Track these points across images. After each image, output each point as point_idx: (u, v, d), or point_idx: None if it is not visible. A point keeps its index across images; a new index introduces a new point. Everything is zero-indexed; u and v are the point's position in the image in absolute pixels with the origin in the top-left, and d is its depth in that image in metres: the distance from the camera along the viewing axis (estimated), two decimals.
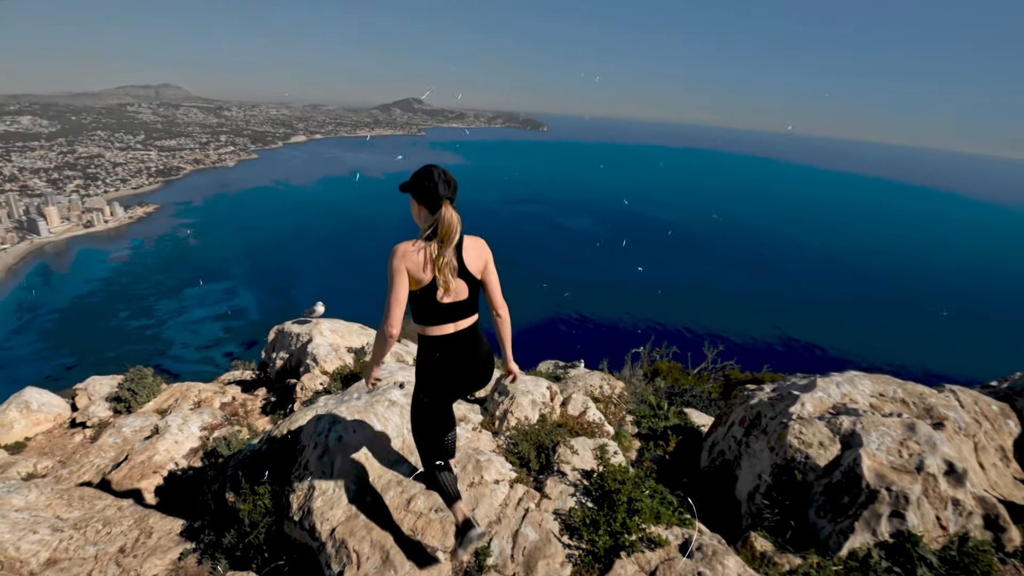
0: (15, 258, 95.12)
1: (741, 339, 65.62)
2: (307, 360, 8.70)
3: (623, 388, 6.52)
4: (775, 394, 4.15)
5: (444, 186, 2.52)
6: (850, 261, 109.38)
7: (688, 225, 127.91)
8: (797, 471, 3.31)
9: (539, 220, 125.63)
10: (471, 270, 2.63)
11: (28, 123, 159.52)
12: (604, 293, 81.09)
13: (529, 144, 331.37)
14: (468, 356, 2.67)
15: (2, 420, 7.51)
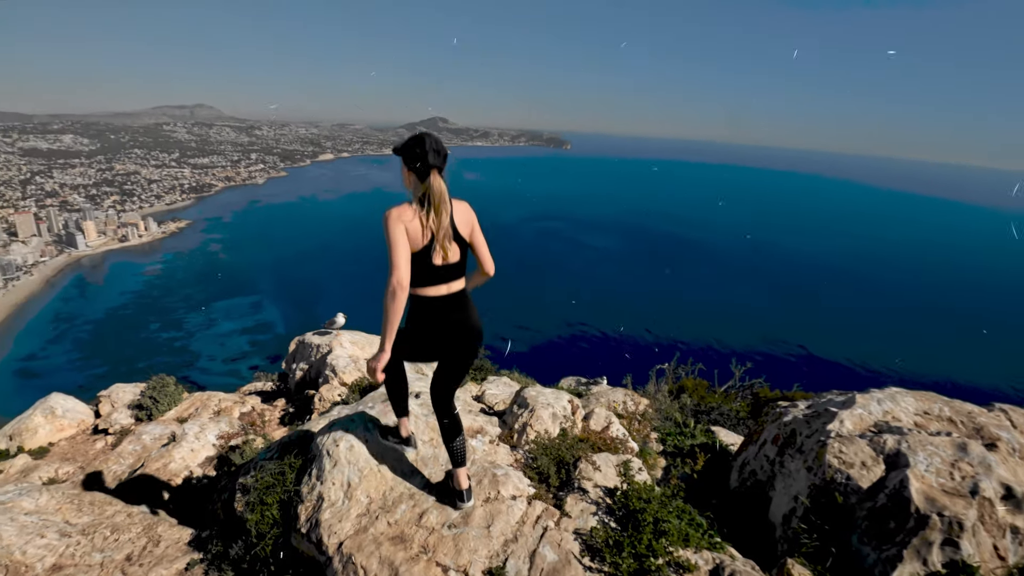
0: (53, 270, 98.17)
1: (768, 357, 64.22)
2: (326, 371, 8.65)
3: (647, 405, 6.30)
4: (810, 411, 3.91)
5: (434, 155, 2.62)
6: (877, 276, 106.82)
7: (715, 243, 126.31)
8: (837, 493, 3.07)
9: (562, 237, 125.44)
10: (462, 233, 2.77)
11: (70, 141, 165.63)
12: (627, 310, 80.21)
13: (552, 162, 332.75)
14: (457, 317, 2.79)
15: (27, 425, 7.60)
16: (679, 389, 7.64)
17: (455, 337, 2.81)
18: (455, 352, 2.87)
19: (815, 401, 4.20)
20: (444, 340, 2.81)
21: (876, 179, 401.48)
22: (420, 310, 2.76)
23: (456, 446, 3.08)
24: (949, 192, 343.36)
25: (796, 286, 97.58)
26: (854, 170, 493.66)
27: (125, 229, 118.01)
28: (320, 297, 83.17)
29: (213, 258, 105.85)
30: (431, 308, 2.74)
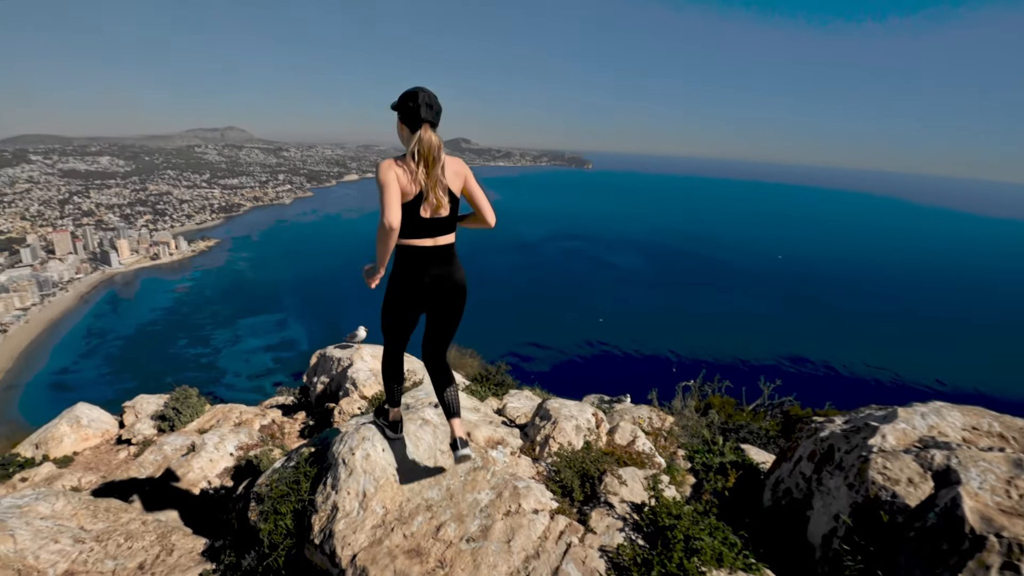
0: (88, 287, 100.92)
1: (797, 376, 62.64)
2: (347, 384, 8.61)
3: (673, 422, 6.10)
4: (848, 426, 3.70)
5: (426, 109, 2.66)
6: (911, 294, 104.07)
7: (742, 261, 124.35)
8: (882, 511, 2.87)
9: (584, 256, 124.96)
10: (452, 187, 2.80)
11: (106, 163, 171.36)
12: (650, 328, 79.24)
13: (574, 181, 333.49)
14: (441, 270, 2.85)
15: (53, 434, 7.67)
16: (706, 407, 7.40)
17: (438, 290, 2.88)
18: (438, 305, 2.94)
19: (852, 416, 3.98)
20: (427, 292, 2.87)
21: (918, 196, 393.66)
22: (405, 259, 2.83)
23: (447, 396, 3.16)
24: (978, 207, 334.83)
25: (826, 303, 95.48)
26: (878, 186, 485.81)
27: (157, 247, 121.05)
28: (343, 314, 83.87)
29: (240, 276, 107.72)
30: (416, 258, 2.80)
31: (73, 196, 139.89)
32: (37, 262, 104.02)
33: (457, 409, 3.18)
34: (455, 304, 2.98)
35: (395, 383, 3.38)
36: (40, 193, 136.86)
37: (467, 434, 3.36)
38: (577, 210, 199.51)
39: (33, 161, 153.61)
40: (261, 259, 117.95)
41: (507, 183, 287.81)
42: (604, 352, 72.37)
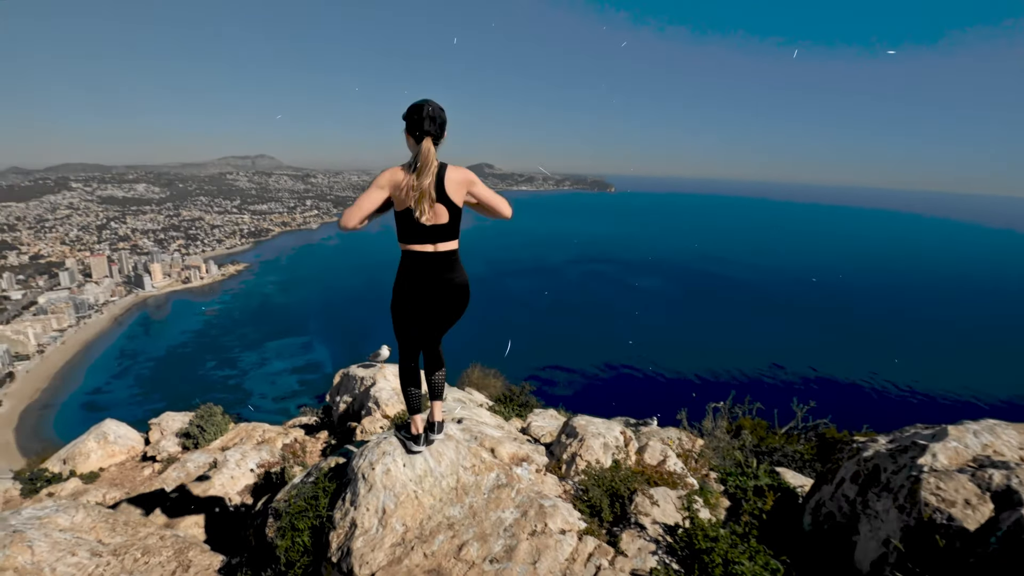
0: (121, 309, 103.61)
1: (828, 398, 60.71)
2: (369, 403, 8.54)
3: (704, 444, 5.88)
4: (894, 446, 3.48)
5: (429, 122, 2.80)
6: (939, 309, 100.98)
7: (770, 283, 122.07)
8: (938, 535, 2.66)
9: (607, 279, 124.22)
10: (452, 197, 2.90)
11: (142, 190, 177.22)
12: (676, 351, 78.01)
13: (597, 204, 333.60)
14: (441, 275, 2.98)
15: (81, 449, 7.75)
16: (737, 428, 7.15)
17: (439, 293, 3.00)
18: (441, 307, 3.06)
19: (897, 436, 3.75)
20: (429, 295, 2.99)
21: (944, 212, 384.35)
22: (407, 264, 2.99)
23: (435, 379, 3.47)
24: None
25: (857, 323, 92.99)
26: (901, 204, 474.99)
27: (188, 271, 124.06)
28: (367, 336, 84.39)
29: (268, 299, 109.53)
30: (417, 263, 2.95)
31: (110, 222, 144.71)
32: (75, 285, 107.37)
33: (441, 393, 3.53)
34: (455, 306, 3.11)
35: (412, 387, 3.41)
36: (79, 219, 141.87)
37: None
38: (600, 233, 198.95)
39: (74, 188, 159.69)
40: (288, 283, 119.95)
41: (530, 207, 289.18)
42: (628, 375, 71.44)
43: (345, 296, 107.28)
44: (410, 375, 3.38)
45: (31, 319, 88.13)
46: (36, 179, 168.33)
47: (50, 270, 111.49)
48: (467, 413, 4.47)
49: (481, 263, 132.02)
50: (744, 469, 5.07)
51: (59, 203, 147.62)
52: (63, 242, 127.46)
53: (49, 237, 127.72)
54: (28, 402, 68.01)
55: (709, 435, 6.13)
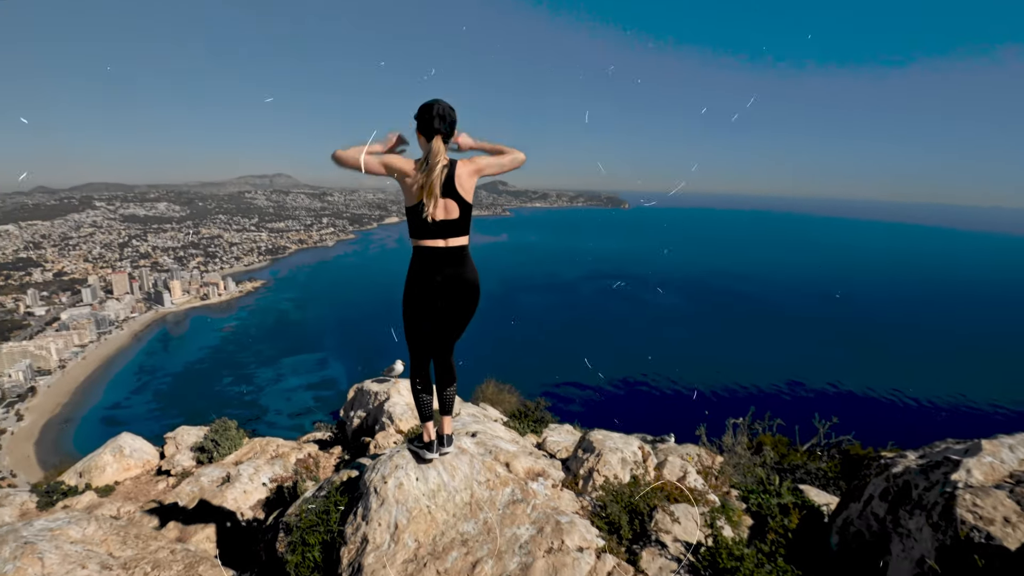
0: (141, 326, 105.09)
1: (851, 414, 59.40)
2: (383, 418, 8.48)
3: (723, 461, 5.73)
4: (925, 461, 3.35)
5: (439, 120, 2.86)
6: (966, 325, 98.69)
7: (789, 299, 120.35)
8: (976, 555, 2.52)
9: (622, 295, 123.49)
10: (462, 192, 2.93)
11: (164, 208, 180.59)
12: (692, 367, 77.08)
13: (611, 220, 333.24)
14: (452, 270, 2.98)
15: (97, 462, 7.76)
16: (758, 445, 6.98)
17: (449, 289, 2.99)
18: (450, 304, 3.04)
19: (928, 451, 3.61)
20: (439, 291, 2.98)
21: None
22: (418, 259, 3.01)
23: (447, 394, 3.46)
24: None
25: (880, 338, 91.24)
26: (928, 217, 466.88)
27: (207, 288, 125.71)
28: (382, 352, 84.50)
29: (284, 316, 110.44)
30: (428, 259, 2.97)
31: (132, 239, 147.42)
32: (96, 301, 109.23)
33: (451, 408, 3.54)
34: (466, 303, 3.09)
35: (424, 394, 3.40)
36: (102, 237, 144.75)
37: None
38: (614, 249, 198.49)
39: (97, 207, 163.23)
40: (304, 299, 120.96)
41: (544, 223, 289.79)
42: (644, 391, 70.76)
43: (360, 312, 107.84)
44: (421, 381, 3.36)
45: (54, 335, 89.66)
46: (61, 198, 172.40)
47: (73, 287, 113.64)
48: (481, 427, 4.40)
49: (495, 280, 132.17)
50: (766, 486, 4.93)
51: (83, 221, 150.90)
52: (86, 259, 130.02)
53: (73, 255, 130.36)
54: (49, 416, 68.97)
55: (729, 451, 5.98)
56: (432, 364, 3.38)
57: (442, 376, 3.38)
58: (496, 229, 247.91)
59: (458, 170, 2.92)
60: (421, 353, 3.27)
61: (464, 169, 2.95)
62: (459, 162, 2.95)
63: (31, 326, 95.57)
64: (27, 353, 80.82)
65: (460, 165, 2.94)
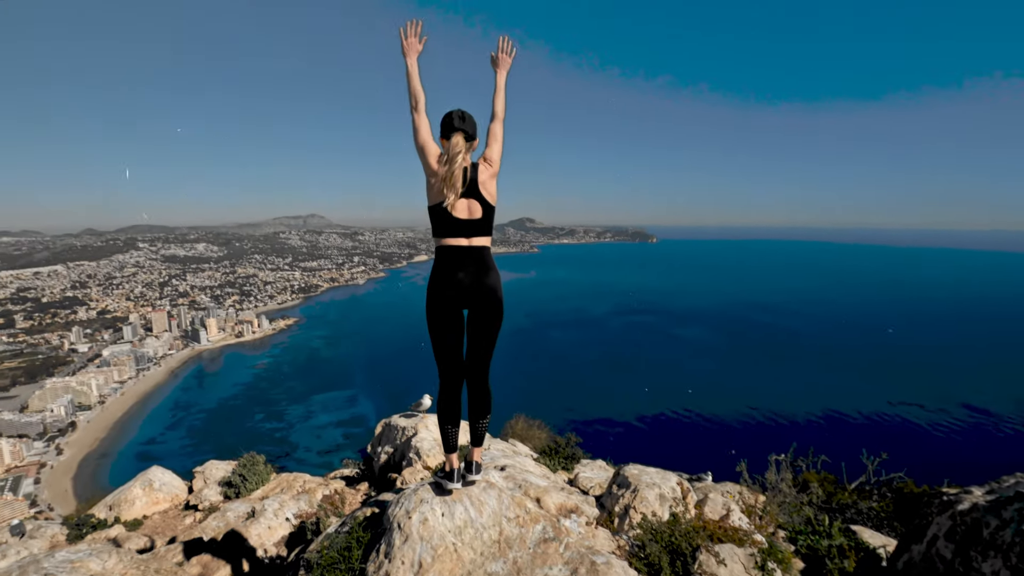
0: (178, 362, 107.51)
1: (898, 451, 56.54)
2: (410, 454, 8.32)
3: (767, 500, 5.40)
4: (994, 497, 3.06)
5: (458, 120, 3.06)
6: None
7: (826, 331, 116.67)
8: None
9: (652, 330, 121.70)
10: (484, 194, 3.06)
11: (203, 249, 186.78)
12: (726, 402, 74.91)
13: (639, 254, 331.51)
14: (474, 268, 3.03)
15: (127, 496, 7.77)
16: (803, 483, 6.59)
17: (472, 289, 3.03)
18: (473, 305, 3.07)
19: (996, 487, 3.31)
20: (462, 290, 3.02)
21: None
22: (441, 258, 3.09)
23: (480, 426, 3.36)
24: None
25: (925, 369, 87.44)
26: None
27: (241, 326, 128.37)
28: (411, 389, 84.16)
29: (315, 353, 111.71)
30: (451, 257, 3.03)
31: (172, 279, 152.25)
32: (136, 339, 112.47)
33: (482, 440, 3.44)
34: (489, 305, 3.09)
35: (450, 424, 3.32)
36: (144, 276, 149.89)
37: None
38: (642, 284, 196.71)
39: (140, 248, 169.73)
40: (335, 337, 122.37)
41: (572, 259, 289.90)
42: (677, 427, 68.85)
43: (390, 349, 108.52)
44: (449, 407, 3.28)
45: (95, 371, 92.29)
46: (107, 240, 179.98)
47: (115, 324, 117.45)
48: (510, 461, 4.23)
49: (523, 315, 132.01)
50: (815, 527, 4.61)
51: (127, 262, 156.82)
52: (128, 298, 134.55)
53: (116, 293, 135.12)
54: (87, 451, 70.39)
55: (773, 489, 5.65)
56: (466, 391, 3.30)
57: (476, 404, 3.30)
58: (524, 266, 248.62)
59: (480, 174, 3.06)
60: (450, 373, 3.20)
61: (485, 173, 3.09)
62: (480, 165, 3.10)
63: (74, 362, 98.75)
64: (69, 388, 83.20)
65: (481, 169, 3.09)
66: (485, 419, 3.36)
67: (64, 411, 78.39)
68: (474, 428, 3.37)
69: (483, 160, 3.16)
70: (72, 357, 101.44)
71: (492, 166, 3.14)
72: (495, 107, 3.21)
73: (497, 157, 3.17)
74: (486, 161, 3.15)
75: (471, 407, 3.33)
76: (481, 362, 3.22)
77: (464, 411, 3.42)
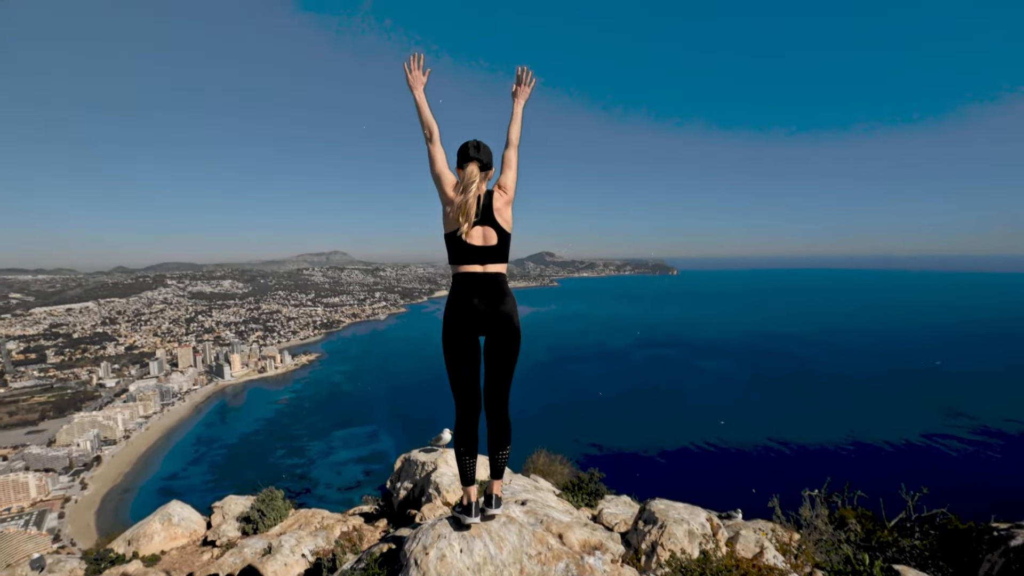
0: (202, 397, 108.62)
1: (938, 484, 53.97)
2: (430, 489, 8.16)
3: (802, 537, 5.14)
4: None
5: (472, 150, 3.14)
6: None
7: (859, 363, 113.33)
8: None
9: (673, 363, 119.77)
10: (500, 222, 3.12)
11: (228, 286, 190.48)
12: (753, 435, 72.91)
13: (660, 287, 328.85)
14: (489, 295, 3.04)
15: (146, 530, 7.71)
16: (840, 520, 6.28)
17: (487, 316, 3.03)
18: (489, 332, 3.07)
19: None
20: (477, 316, 3.02)
21: None
22: (457, 285, 3.11)
23: (499, 458, 3.30)
24: None
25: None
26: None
27: (264, 361, 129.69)
28: (432, 424, 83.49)
29: (336, 388, 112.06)
30: (466, 284, 3.06)
31: (198, 315, 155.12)
32: (162, 374, 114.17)
33: (502, 472, 3.38)
34: (505, 332, 3.09)
35: (467, 455, 3.29)
36: (172, 312, 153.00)
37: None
38: (664, 316, 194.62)
39: (169, 285, 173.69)
40: (356, 372, 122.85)
41: (592, 292, 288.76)
42: (704, 462, 67.07)
43: (410, 384, 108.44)
44: (466, 437, 3.23)
45: (121, 406, 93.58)
46: (137, 277, 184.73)
47: (142, 360, 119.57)
48: (532, 496, 4.10)
49: (543, 349, 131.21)
50: (855, 566, 4.36)
51: (155, 298, 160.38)
52: (155, 334, 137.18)
53: (144, 329, 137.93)
54: (111, 486, 70.90)
55: (808, 526, 5.39)
56: (485, 421, 3.26)
57: (495, 435, 3.25)
58: (544, 300, 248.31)
59: (495, 201, 3.13)
60: (467, 401, 3.16)
61: (500, 200, 3.15)
62: (494, 192, 3.16)
63: (101, 397, 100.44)
64: (96, 423, 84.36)
65: (496, 196, 3.15)
66: (505, 451, 3.31)
67: (90, 445, 79.39)
68: (493, 460, 3.31)
69: (497, 187, 3.20)
70: (100, 392, 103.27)
71: (507, 193, 3.18)
72: (510, 134, 3.25)
73: (511, 184, 3.21)
74: (500, 188, 3.19)
75: (490, 438, 3.27)
76: (499, 391, 3.19)
77: (483, 443, 3.34)
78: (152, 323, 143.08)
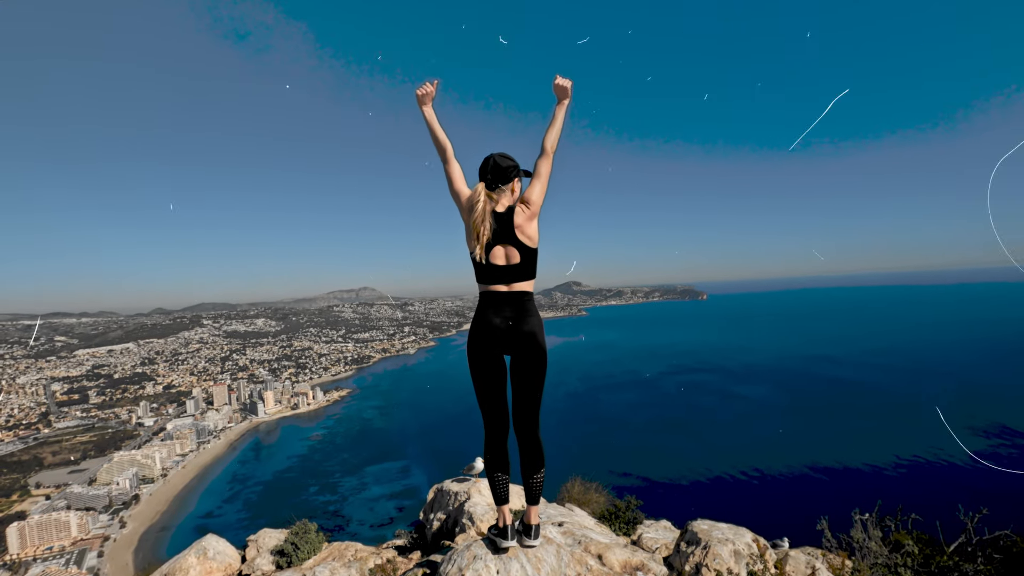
0: (237, 435, 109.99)
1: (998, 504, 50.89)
2: (463, 519, 8.02)
3: (856, 561, 4.88)
4: None
5: (489, 166, 3.12)
6: None
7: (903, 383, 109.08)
8: None
9: (707, 390, 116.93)
10: (523, 239, 3.03)
11: (261, 324, 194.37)
12: (793, 460, 70.26)
13: (690, 312, 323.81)
14: (514, 313, 2.99)
15: (181, 564, 7.70)
16: (894, 544, 5.95)
17: (511, 334, 2.99)
18: (514, 351, 3.04)
19: None
20: (501, 335, 2.99)
21: None
22: (482, 304, 3.08)
23: (533, 482, 3.19)
24: None
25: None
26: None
27: (296, 398, 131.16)
28: (463, 455, 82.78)
29: (368, 424, 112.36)
30: (491, 302, 3.03)
31: (233, 353, 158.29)
32: (199, 412, 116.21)
33: (537, 497, 3.27)
34: (530, 350, 3.03)
35: (498, 472, 3.23)
36: (207, 352, 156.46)
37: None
38: (695, 341, 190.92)
39: (205, 325, 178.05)
40: (387, 407, 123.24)
41: (621, 320, 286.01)
42: (743, 490, 64.78)
43: (441, 417, 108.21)
44: (495, 455, 3.19)
45: (159, 444, 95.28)
46: (175, 318, 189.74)
47: (179, 399, 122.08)
48: (568, 518, 3.98)
49: (574, 379, 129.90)
50: None
51: (192, 339, 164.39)
52: (192, 373, 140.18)
53: (181, 369, 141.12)
54: (148, 524, 71.77)
55: (861, 550, 5.11)
56: (517, 445, 3.20)
57: (527, 458, 3.17)
58: (573, 329, 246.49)
59: (517, 217, 3.04)
60: (494, 420, 3.12)
61: (522, 216, 3.05)
62: (516, 208, 3.08)
63: (140, 436, 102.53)
64: (135, 462, 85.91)
65: (518, 212, 3.06)
66: (538, 474, 3.20)
67: (129, 484, 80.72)
68: (528, 485, 3.21)
69: (520, 203, 3.08)
70: (139, 431, 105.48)
71: (530, 207, 3.06)
72: (545, 141, 3.07)
73: (537, 198, 3.07)
74: (524, 203, 3.07)
75: (523, 462, 3.19)
76: (527, 411, 3.10)
77: (516, 469, 3.28)
78: (189, 362, 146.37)
